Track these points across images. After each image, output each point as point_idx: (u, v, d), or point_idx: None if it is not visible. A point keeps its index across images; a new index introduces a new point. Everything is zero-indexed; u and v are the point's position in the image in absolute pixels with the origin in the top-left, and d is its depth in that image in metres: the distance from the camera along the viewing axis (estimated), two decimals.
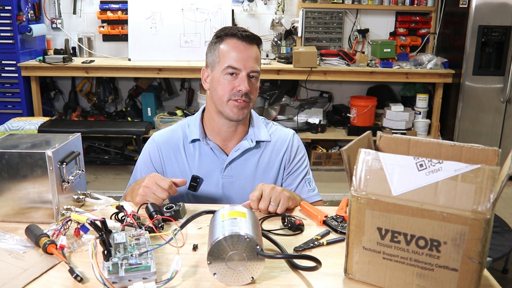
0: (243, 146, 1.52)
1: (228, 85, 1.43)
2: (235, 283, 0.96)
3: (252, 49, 1.45)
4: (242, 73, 1.42)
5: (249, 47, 1.45)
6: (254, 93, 1.47)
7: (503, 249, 2.36)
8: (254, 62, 1.44)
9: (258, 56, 1.48)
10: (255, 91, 1.47)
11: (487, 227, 0.81)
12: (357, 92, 4.62)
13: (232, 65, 1.42)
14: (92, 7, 4.35)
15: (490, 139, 4.01)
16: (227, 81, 1.43)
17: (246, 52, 1.43)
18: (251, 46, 1.45)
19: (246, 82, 1.42)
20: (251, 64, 1.43)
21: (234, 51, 1.43)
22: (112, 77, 4.42)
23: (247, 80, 1.43)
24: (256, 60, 1.45)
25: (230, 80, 1.43)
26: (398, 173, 0.89)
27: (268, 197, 1.28)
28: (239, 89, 1.42)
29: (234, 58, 1.42)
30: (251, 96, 1.46)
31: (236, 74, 1.43)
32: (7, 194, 1.20)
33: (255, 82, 1.47)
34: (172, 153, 1.54)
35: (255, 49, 1.47)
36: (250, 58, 1.43)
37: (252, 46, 1.46)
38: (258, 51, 1.49)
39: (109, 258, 0.92)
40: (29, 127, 3.67)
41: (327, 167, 4.31)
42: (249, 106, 1.48)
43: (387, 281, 0.93)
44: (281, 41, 4.40)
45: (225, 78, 1.44)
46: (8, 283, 0.95)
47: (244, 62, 1.42)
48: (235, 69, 1.42)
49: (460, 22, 3.94)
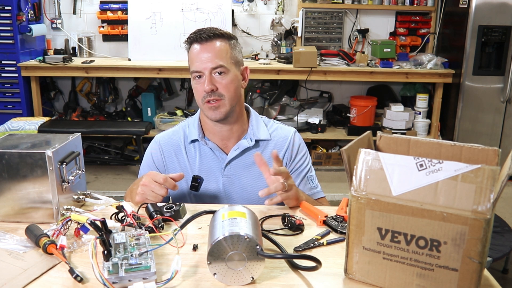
0: (242, 145, 1.53)
1: (199, 89, 1.46)
2: (235, 283, 0.96)
3: (211, 46, 1.43)
4: (205, 73, 1.43)
5: (207, 45, 1.43)
6: (225, 88, 1.44)
7: (503, 249, 2.36)
8: (214, 58, 1.42)
9: (221, 50, 1.44)
10: (225, 86, 1.44)
11: (487, 227, 0.81)
12: (357, 92, 4.61)
13: (194, 69, 1.45)
14: (92, 7, 4.36)
15: (490, 139, 4.01)
16: (197, 86, 1.46)
17: (204, 53, 1.43)
18: (209, 43, 1.43)
19: (208, 80, 1.42)
20: (210, 63, 1.42)
21: (195, 56, 1.45)
22: (112, 77, 4.42)
23: (209, 79, 1.43)
24: (217, 55, 1.43)
25: (198, 84, 1.46)
26: (398, 173, 0.89)
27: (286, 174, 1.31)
28: (204, 90, 1.43)
29: (195, 62, 1.44)
30: (222, 92, 1.44)
31: (202, 76, 1.45)
32: (7, 194, 1.20)
33: (223, 77, 1.44)
34: (174, 153, 1.55)
35: (216, 43, 1.44)
36: (209, 57, 1.42)
37: (211, 43, 1.43)
38: (223, 45, 1.45)
39: (109, 258, 0.92)
40: (29, 127, 3.67)
41: (327, 167, 4.30)
42: (225, 104, 1.45)
43: (387, 281, 0.93)
44: (281, 41, 4.40)
45: (195, 83, 1.47)
46: (8, 283, 0.95)
47: (203, 64, 1.42)
48: (198, 72, 1.44)
49: (460, 22, 3.94)
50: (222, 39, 1.46)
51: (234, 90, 1.47)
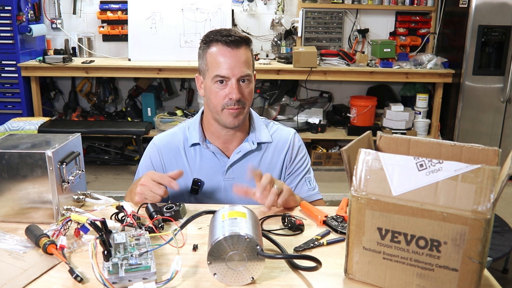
0: (244, 148, 1.52)
1: (220, 94, 1.41)
2: (235, 283, 0.96)
3: (239, 53, 1.40)
4: (232, 80, 1.39)
5: (236, 51, 1.39)
6: (248, 97, 1.44)
7: (503, 249, 2.36)
8: (242, 66, 1.40)
9: (248, 58, 1.42)
10: (248, 95, 1.44)
11: (487, 227, 0.81)
12: (357, 92, 4.61)
13: (220, 74, 1.39)
14: (92, 7, 4.35)
15: (490, 139, 4.01)
16: (218, 90, 1.41)
17: (232, 58, 1.39)
18: (237, 49, 1.40)
19: (236, 89, 1.39)
20: (239, 69, 1.39)
21: (220, 59, 1.39)
22: (112, 77, 4.42)
23: (237, 87, 1.39)
24: (245, 64, 1.40)
25: (220, 89, 1.41)
26: (398, 173, 0.89)
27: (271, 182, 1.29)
28: (230, 97, 1.40)
29: (221, 66, 1.39)
30: (245, 101, 1.43)
31: (226, 81, 1.40)
32: (7, 194, 1.20)
33: (248, 85, 1.43)
34: (173, 156, 1.53)
35: (243, 51, 1.41)
36: (238, 63, 1.39)
37: (239, 50, 1.40)
38: (248, 52, 1.43)
39: (109, 259, 0.92)
40: (29, 127, 3.67)
41: (327, 167, 4.30)
42: (244, 112, 1.45)
43: (387, 281, 0.93)
44: (281, 41, 4.40)
45: (215, 87, 1.41)
46: (8, 284, 0.95)
47: (231, 69, 1.38)
48: (223, 77, 1.40)
49: (460, 22, 3.94)
50: (247, 45, 1.43)
51: (252, 98, 1.46)
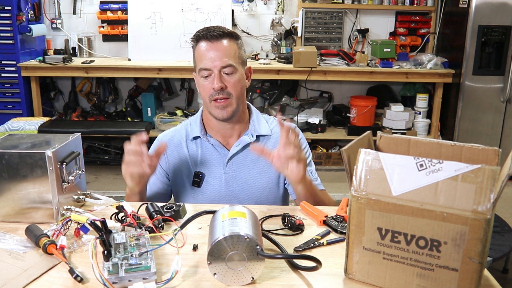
0: (243, 141, 1.55)
1: (207, 87, 1.47)
2: (235, 283, 0.96)
3: (220, 45, 1.45)
4: (214, 71, 1.44)
5: (216, 43, 1.45)
6: (233, 87, 1.47)
7: (503, 249, 2.36)
8: (223, 57, 1.44)
9: (230, 50, 1.46)
10: (233, 85, 1.47)
11: (487, 227, 0.81)
12: (357, 92, 4.61)
13: (203, 67, 1.45)
14: (92, 7, 4.35)
15: (490, 139, 4.01)
16: (204, 83, 1.47)
17: (213, 51, 1.44)
18: (218, 42, 1.45)
19: (218, 78, 1.44)
20: (219, 61, 1.44)
21: (203, 53, 1.45)
22: (112, 77, 4.42)
23: (219, 77, 1.44)
24: (226, 55, 1.44)
25: (206, 81, 1.47)
26: (398, 173, 0.89)
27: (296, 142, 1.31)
28: (213, 88, 1.44)
29: (204, 59, 1.45)
30: (231, 91, 1.46)
31: (210, 74, 1.45)
32: (7, 194, 1.20)
33: (232, 76, 1.46)
34: (175, 150, 1.58)
35: (225, 43, 1.45)
36: (219, 55, 1.44)
37: (220, 42, 1.45)
38: (232, 44, 1.47)
39: (109, 259, 0.92)
40: (29, 127, 3.67)
41: (327, 167, 4.30)
42: (233, 103, 1.48)
43: (387, 281, 0.93)
44: (281, 41, 4.40)
45: (202, 80, 1.48)
46: (8, 284, 0.95)
47: (212, 61, 1.44)
48: (207, 70, 1.45)
49: (460, 22, 3.94)
50: (231, 38, 1.48)
51: (241, 89, 1.49)
